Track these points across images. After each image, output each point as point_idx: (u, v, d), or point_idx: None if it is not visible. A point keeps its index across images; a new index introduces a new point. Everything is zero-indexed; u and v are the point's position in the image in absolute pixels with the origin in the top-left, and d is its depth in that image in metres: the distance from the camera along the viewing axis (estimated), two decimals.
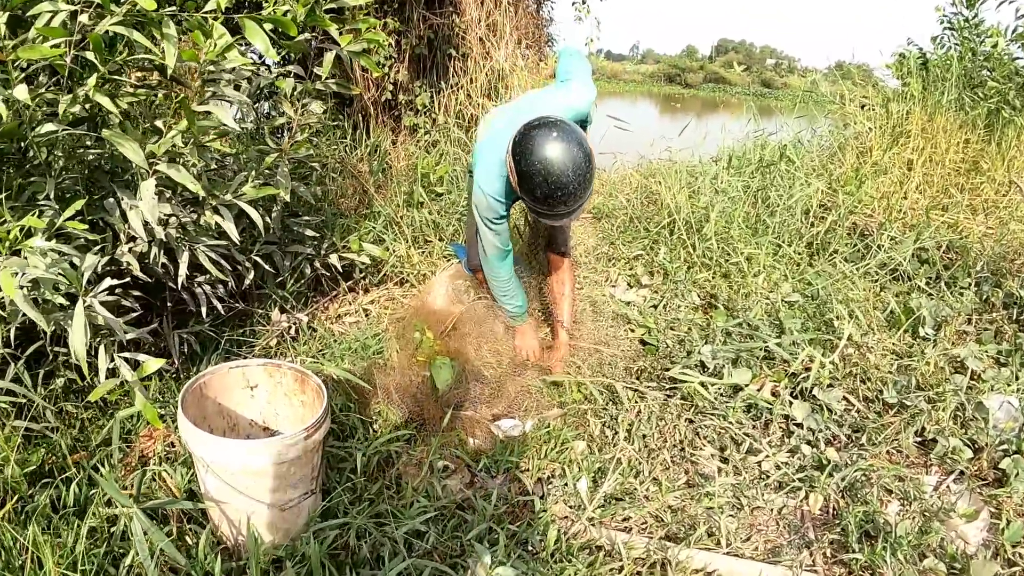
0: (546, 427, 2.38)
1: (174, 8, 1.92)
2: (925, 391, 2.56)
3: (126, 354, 1.94)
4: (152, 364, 1.75)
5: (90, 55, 1.85)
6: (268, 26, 2.10)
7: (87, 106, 1.99)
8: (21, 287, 1.61)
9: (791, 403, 2.46)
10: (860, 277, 3.44)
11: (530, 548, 1.88)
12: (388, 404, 2.34)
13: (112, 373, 1.91)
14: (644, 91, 38.81)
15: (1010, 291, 3.31)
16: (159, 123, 2.11)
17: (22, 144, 2.00)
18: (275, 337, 2.79)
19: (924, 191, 4.66)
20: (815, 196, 4.26)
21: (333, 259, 3.04)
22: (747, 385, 2.52)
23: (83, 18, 1.86)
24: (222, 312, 2.59)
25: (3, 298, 1.79)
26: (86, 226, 1.78)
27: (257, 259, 2.68)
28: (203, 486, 1.76)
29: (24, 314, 1.69)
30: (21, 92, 1.74)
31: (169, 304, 2.48)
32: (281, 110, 2.91)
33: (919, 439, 2.44)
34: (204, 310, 2.45)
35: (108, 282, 1.91)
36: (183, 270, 2.21)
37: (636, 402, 2.50)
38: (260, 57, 3.56)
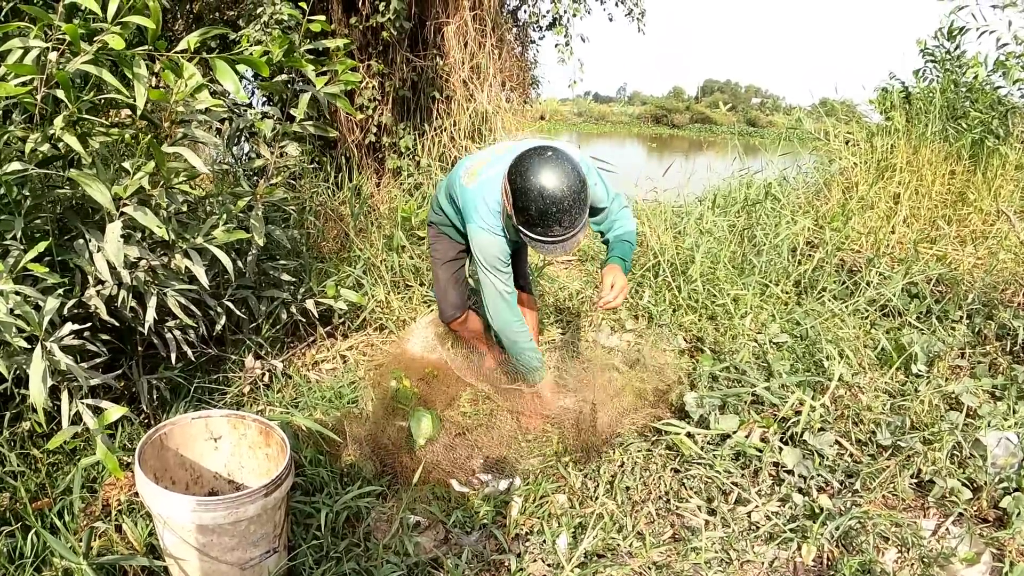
0: (525, 480, 2.28)
1: (146, 48, 1.89)
2: (920, 431, 2.48)
3: (89, 400, 1.91)
4: (114, 412, 1.74)
5: (60, 94, 1.84)
6: (243, 67, 2.08)
7: (58, 145, 1.96)
8: None
9: (781, 449, 2.37)
10: (849, 315, 3.38)
11: None
12: (360, 456, 2.24)
13: (78, 418, 1.88)
14: (632, 132, 38.84)
15: (1003, 322, 3.25)
16: (127, 164, 2.08)
17: None
18: (248, 384, 2.72)
19: (911, 224, 4.64)
20: (802, 234, 4.24)
21: (310, 304, 2.98)
22: (735, 432, 2.43)
23: (52, 56, 1.84)
24: (192, 358, 2.52)
25: None
26: (47, 268, 1.75)
27: (229, 304, 2.61)
28: (162, 541, 1.69)
29: None
30: None
31: (139, 349, 2.43)
32: (258, 152, 2.87)
33: (915, 481, 2.36)
34: (174, 356, 2.41)
35: (69, 326, 1.87)
36: (151, 314, 2.18)
37: (619, 453, 2.41)
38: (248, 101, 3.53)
